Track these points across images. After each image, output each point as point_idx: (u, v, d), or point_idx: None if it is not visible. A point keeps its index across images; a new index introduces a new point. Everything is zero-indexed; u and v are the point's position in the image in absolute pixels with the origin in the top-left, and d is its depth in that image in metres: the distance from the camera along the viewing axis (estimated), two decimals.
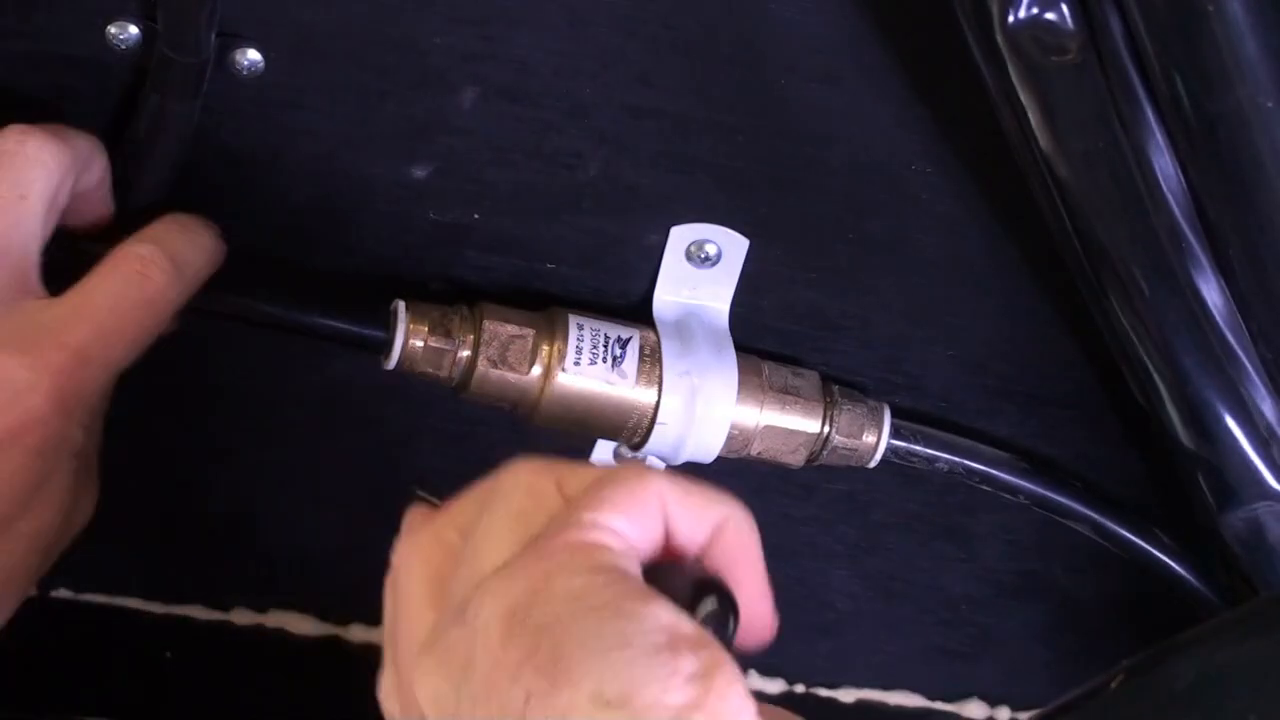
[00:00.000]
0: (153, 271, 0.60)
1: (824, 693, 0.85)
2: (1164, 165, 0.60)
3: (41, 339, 0.57)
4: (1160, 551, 0.75)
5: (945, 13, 0.60)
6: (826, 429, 0.70)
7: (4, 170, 0.58)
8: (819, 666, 0.84)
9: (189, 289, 0.61)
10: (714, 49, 0.66)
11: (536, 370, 0.67)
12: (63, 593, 0.77)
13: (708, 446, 0.69)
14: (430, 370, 0.66)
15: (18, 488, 0.56)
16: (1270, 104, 0.55)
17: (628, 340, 0.68)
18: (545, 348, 0.67)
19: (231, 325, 0.70)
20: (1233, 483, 0.65)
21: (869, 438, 0.71)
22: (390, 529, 0.77)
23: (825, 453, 0.71)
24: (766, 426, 0.69)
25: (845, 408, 0.71)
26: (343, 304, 0.67)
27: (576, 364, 0.67)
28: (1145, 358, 0.64)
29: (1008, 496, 0.74)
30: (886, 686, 0.85)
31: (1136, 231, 0.61)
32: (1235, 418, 0.64)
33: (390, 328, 0.66)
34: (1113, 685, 0.43)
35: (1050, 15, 0.57)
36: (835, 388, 0.71)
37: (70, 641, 0.77)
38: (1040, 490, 0.74)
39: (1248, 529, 0.67)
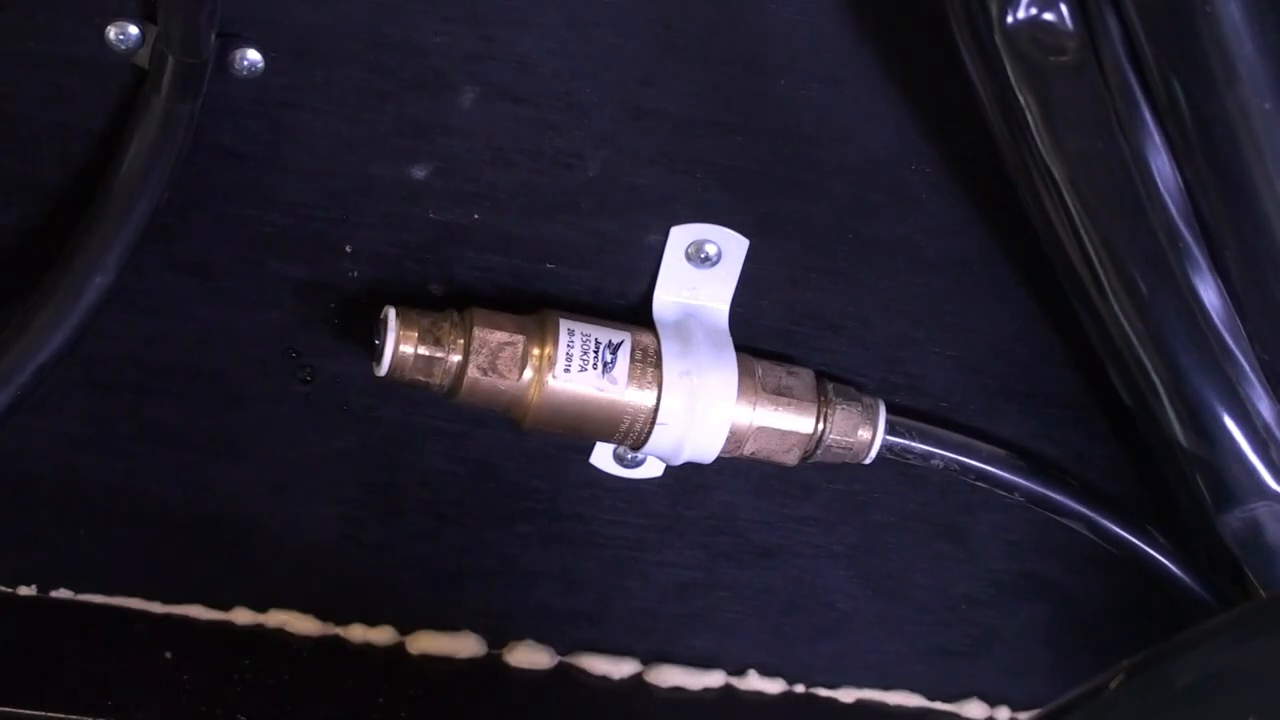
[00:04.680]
0: None
1: (824, 693, 0.85)
2: (1161, 165, 0.60)
3: None
4: (1154, 549, 0.75)
5: (945, 14, 0.60)
6: (821, 427, 0.70)
7: None
8: (819, 666, 0.84)
9: None
10: (714, 49, 0.66)
11: (527, 376, 0.67)
12: (63, 593, 0.77)
13: (708, 446, 0.69)
14: (421, 378, 0.66)
15: None
16: (1267, 105, 0.55)
17: (619, 345, 0.68)
18: (535, 353, 0.67)
19: (232, 327, 0.70)
20: (1230, 483, 0.65)
21: (864, 434, 0.71)
22: (390, 529, 0.78)
23: (820, 451, 0.71)
24: (760, 427, 0.69)
25: (840, 406, 0.70)
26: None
27: (566, 370, 0.67)
28: (1144, 358, 0.64)
29: (1003, 494, 0.74)
30: (886, 686, 0.85)
31: (1134, 231, 0.61)
32: (1233, 418, 0.64)
33: (380, 335, 0.66)
34: (1112, 685, 0.44)
35: (1049, 16, 0.58)
36: (830, 386, 0.71)
37: (70, 641, 0.77)
38: (1036, 487, 0.74)
39: (1246, 529, 0.66)
